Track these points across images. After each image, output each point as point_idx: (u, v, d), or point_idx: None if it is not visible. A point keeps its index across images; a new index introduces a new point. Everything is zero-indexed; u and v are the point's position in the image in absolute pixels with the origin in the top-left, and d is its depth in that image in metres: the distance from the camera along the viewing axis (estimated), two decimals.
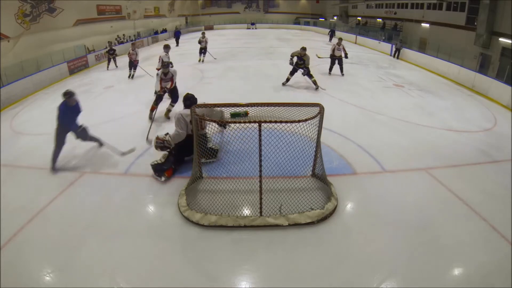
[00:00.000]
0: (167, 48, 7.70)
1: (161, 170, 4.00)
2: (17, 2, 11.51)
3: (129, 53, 10.11)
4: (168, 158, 4.12)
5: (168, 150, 4.15)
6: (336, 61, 9.76)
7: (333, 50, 9.61)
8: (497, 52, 11.09)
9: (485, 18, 11.34)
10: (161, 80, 5.89)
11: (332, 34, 20.30)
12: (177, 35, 19.38)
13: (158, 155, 4.54)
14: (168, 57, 7.49)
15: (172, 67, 6.18)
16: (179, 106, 4.85)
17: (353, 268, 2.67)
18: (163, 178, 3.96)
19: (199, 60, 12.30)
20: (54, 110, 7.15)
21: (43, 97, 8.78)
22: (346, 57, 9.72)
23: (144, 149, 4.76)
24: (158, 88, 5.91)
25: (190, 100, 4.18)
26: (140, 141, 5.01)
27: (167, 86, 5.93)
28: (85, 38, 15.25)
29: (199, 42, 12.32)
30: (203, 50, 12.37)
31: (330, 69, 9.99)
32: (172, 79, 5.97)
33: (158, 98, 5.97)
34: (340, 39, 9.81)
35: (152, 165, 4.05)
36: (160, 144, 4.10)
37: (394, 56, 14.28)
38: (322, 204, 3.34)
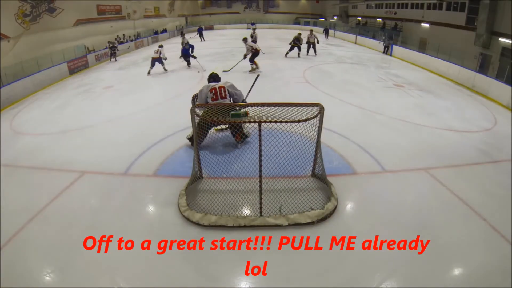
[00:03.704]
0: (161, 46, 10.67)
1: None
2: (17, 2, 11.51)
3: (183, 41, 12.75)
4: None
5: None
6: (311, 46, 13.25)
7: (308, 38, 13.08)
8: (497, 52, 11.09)
9: (485, 18, 11.34)
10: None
11: (326, 32, 22.03)
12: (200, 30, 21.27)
13: (159, 154, 4.55)
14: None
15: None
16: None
17: (353, 268, 2.67)
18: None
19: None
20: (54, 110, 7.22)
21: (43, 97, 8.78)
22: (317, 42, 13.50)
23: (144, 149, 4.76)
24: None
25: (213, 78, 4.76)
26: (140, 141, 5.01)
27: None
28: (85, 38, 15.27)
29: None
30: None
31: (307, 51, 13.38)
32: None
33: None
34: (311, 30, 13.74)
35: (188, 138, 4.73)
36: (194, 96, 4.95)
37: (384, 53, 15.33)
38: (322, 204, 3.34)
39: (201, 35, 20.89)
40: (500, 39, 10.93)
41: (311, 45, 13.22)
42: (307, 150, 3.57)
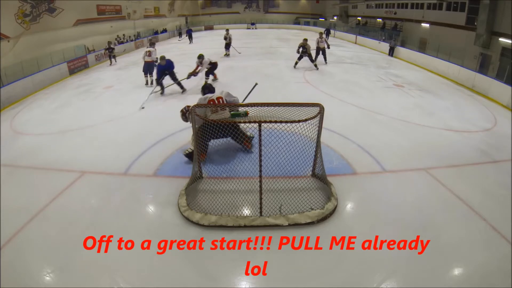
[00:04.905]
0: (153, 44, 9.83)
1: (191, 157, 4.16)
2: (17, 2, 11.51)
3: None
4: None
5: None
6: (320, 52, 11.37)
7: (317, 43, 11.30)
8: (497, 52, 11.09)
9: (485, 18, 11.34)
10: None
11: (327, 33, 20.75)
12: (189, 32, 20.62)
13: (159, 154, 4.55)
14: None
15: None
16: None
17: (353, 268, 2.67)
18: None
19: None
20: (54, 110, 7.22)
21: (43, 97, 8.77)
22: (328, 47, 11.60)
23: (144, 149, 4.76)
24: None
25: (208, 89, 4.68)
26: (140, 141, 5.01)
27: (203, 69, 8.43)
28: (85, 38, 15.27)
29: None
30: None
31: (316, 58, 11.27)
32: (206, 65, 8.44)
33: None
34: (321, 33, 11.85)
35: (185, 154, 4.34)
36: (185, 111, 4.51)
37: (389, 54, 14.78)
38: (322, 204, 3.34)
39: (190, 37, 20.11)
40: (500, 39, 10.93)
41: (321, 51, 11.38)
42: (307, 150, 3.57)
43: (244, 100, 5.09)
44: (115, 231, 3.04)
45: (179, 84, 8.00)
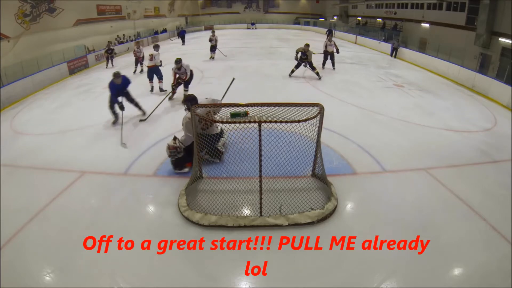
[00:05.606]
0: (157, 47, 8.58)
1: (182, 164, 4.12)
2: (17, 2, 11.52)
3: (134, 51, 10.83)
4: (185, 152, 4.14)
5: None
6: (328, 56, 10.45)
7: (326, 46, 10.32)
8: (497, 52, 11.09)
9: (485, 18, 11.34)
10: (176, 73, 7.20)
11: (329, 33, 20.54)
12: (182, 34, 20.06)
13: (159, 154, 4.55)
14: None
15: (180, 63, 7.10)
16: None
17: (353, 268, 2.67)
18: (186, 169, 4.10)
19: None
20: (54, 110, 7.22)
21: (43, 97, 8.77)
22: (337, 52, 10.45)
23: (144, 149, 4.76)
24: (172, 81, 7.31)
25: (195, 100, 4.21)
26: (141, 141, 5.01)
27: (182, 77, 7.26)
28: (85, 38, 15.27)
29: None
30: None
31: (323, 63, 10.68)
32: (186, 72, 7.24)
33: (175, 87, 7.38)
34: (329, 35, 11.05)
35: (172, 161, 4.12)
36: (174, 152, 4.04)
37: (392, 55, 14.45)
38: (322, 204, 3.34)
39: (182, 38, 19.49)
40: (500, 39, 10.93)
41: (329, 56, 10.37)
42: (307, 150, 3.57)
43: (223, 96, 5.05)
44: (115, 231, 3.04)
45: (137, 105, 6.38)
